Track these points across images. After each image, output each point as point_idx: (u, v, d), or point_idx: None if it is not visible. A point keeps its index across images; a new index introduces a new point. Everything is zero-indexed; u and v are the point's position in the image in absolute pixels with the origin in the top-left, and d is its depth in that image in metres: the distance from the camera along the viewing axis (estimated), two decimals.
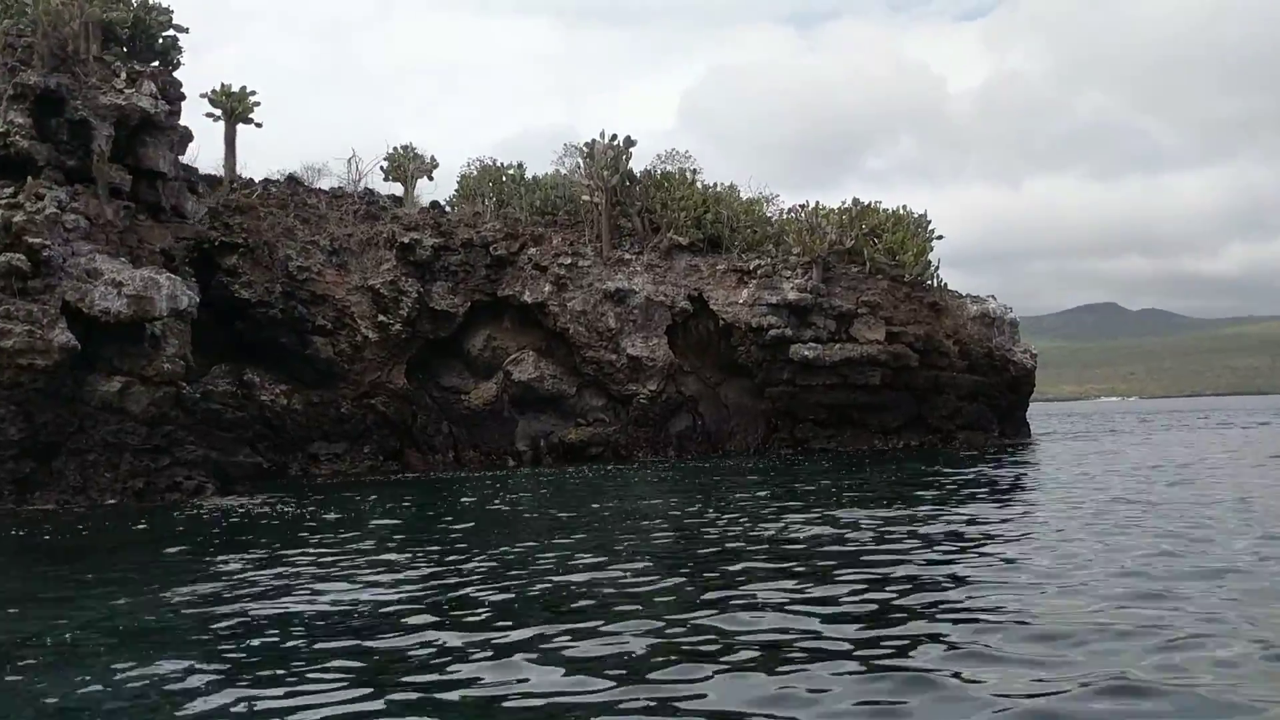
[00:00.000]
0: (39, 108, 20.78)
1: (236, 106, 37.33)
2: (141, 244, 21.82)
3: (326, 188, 37.44)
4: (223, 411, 21.90)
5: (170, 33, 26.81)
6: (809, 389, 32.78)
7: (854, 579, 9.47)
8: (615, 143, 34.72)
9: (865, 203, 34.80)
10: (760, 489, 19.48)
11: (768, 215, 36.37)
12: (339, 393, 33.98)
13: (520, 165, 39.43)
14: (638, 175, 35.92)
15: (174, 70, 27.22)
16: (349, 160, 37.91)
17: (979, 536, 12.01)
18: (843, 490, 18.48)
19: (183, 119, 25.71)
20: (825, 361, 32.33)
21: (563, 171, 37.15)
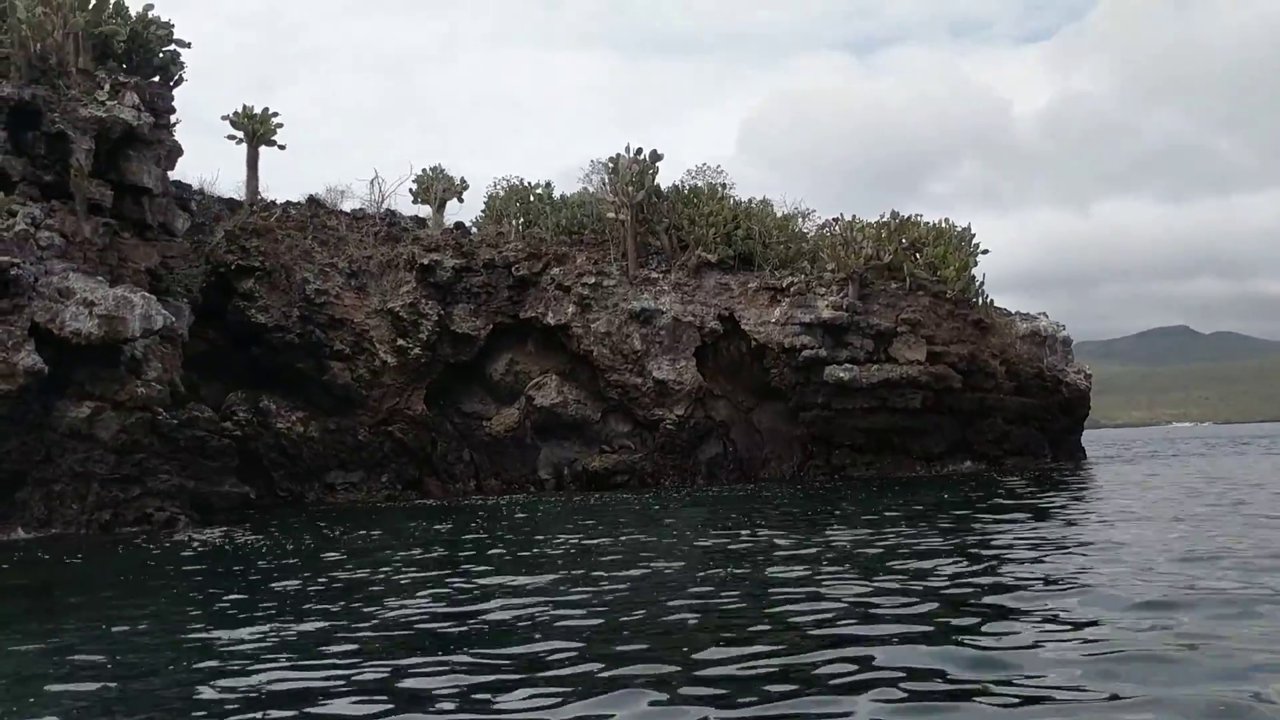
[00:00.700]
0: (14, 120, 19.88)
1: (259, 128, 36.61)
2: (124, 263, 20.77)
3: (349, 210, 36.50)
4: (207, 439, 20.65)
5: (171, 48, 25.92)
6: (845, 413, 30.94)
7: None
8: (641, 157, 33.32)
9: (905, 216, 32.97)
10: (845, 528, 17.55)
11: (804, 231, 34.66)
12: (356, 420, 32.85)
13: (549, 184, 38.20)
14: (665, 191, 34.45)
15: (175, 86, 26.37)
16: (371, 181, 36.93)
17: None
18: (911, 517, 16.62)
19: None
20: (862, 383, 30.49)
21: (589, 189, 35.81)
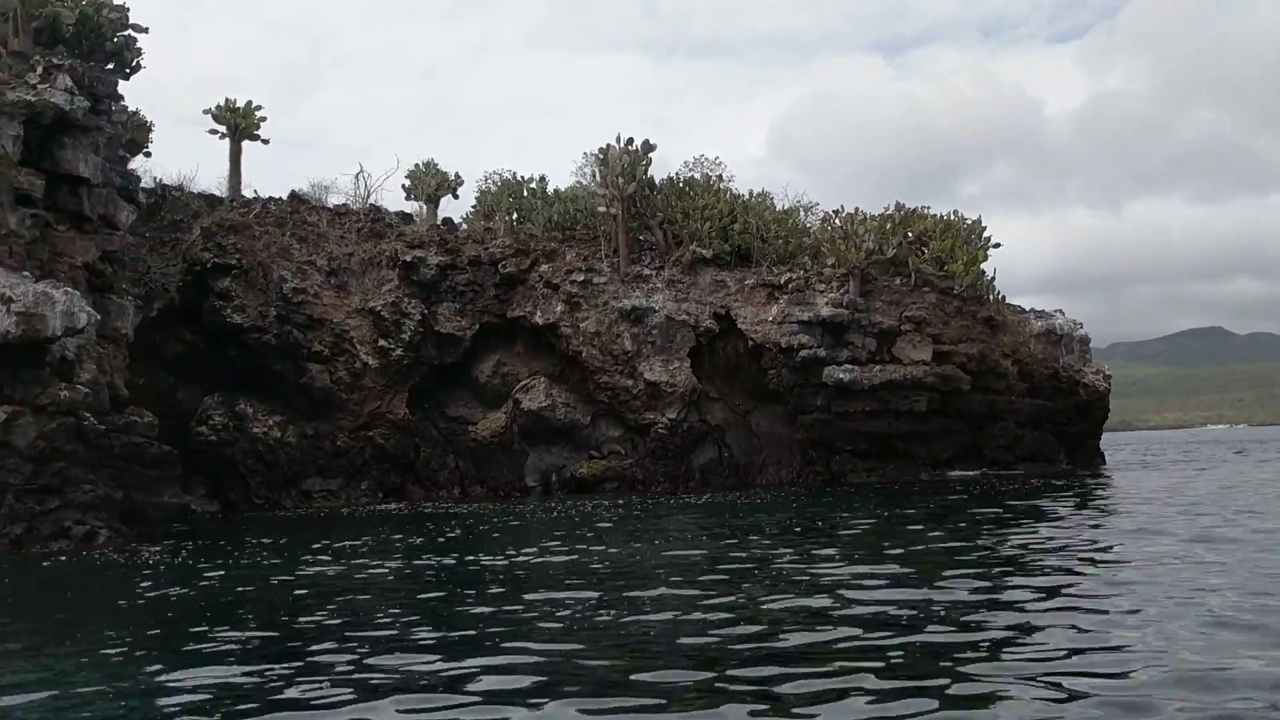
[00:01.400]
0: None
1: (241, 123, 35.40)
2: (57, 257, 19.41)
3: (333, 205, 35.12)
4: (146, 445, 19.25)
5: (126, 33, 24.59)
6: (845, 416, 29.22)
7: None
8: (632, 147, 31.73)
9: (911, 208, 31.21)
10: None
11: (806, 225, 32.94)
12: (336, 424, 31.47)
13: (542, 178, 36.70)
14: (659, 184, 32.85)
15: (131, 73, 25.07)
16: (356, 176, 35.55)
17: None
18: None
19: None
20: (863, 385, 28.76)
21: (582, 182, 34.25)
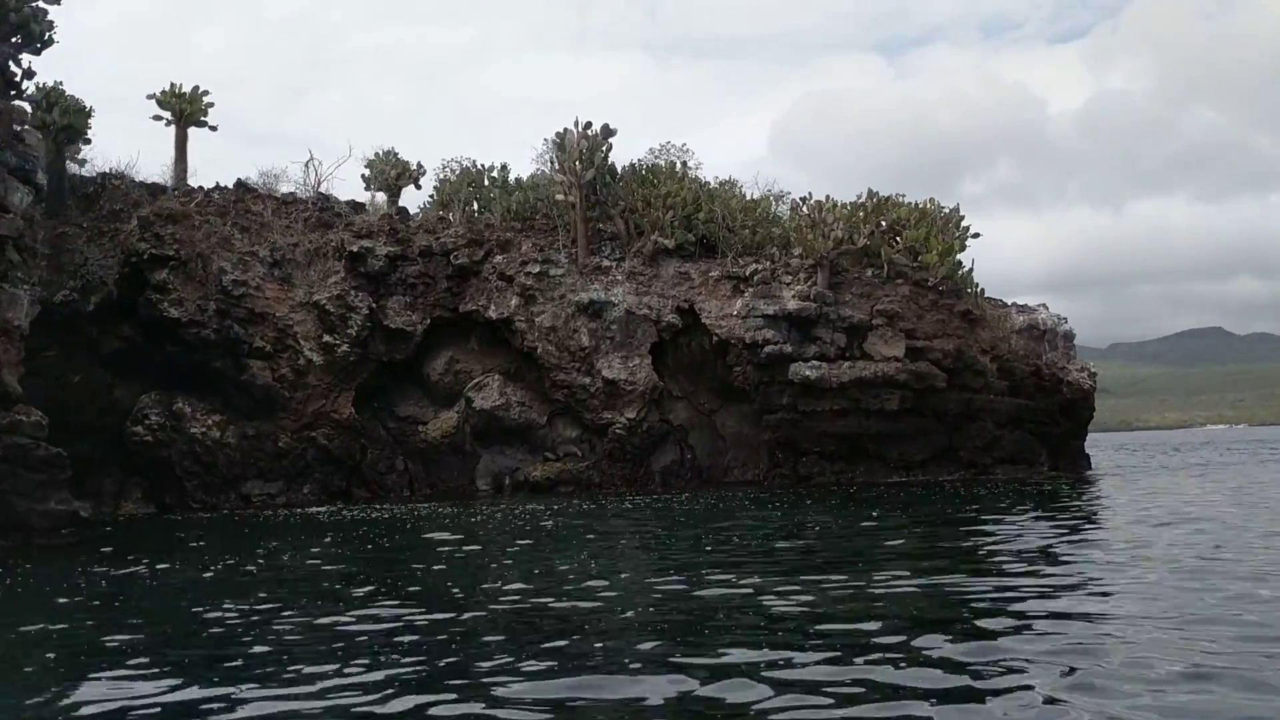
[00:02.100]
0: None
1: (187, 108, 33.79)
2: None
3: (281, 195, 33.44)
4: (31, 447, 17.58)
5: (35, 4, 22.91)
6: (813, 415, 27.54)
7: None
8: (590, 131, 30.04)
9: (884, 195, 29.50)
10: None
11: (776, 215, 31.24)
12: (278, 424, 29.81)
13: (504, 167, 35.03)
14: (621, 171, 31.16)
15: (43, 48, 23.39)
16: (306, 164, 33.85)
17: None
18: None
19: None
20: (831, 383, 27.08)
21: (543, 170, 32.57)
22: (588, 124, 29.99)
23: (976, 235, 29.95)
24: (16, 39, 22.53)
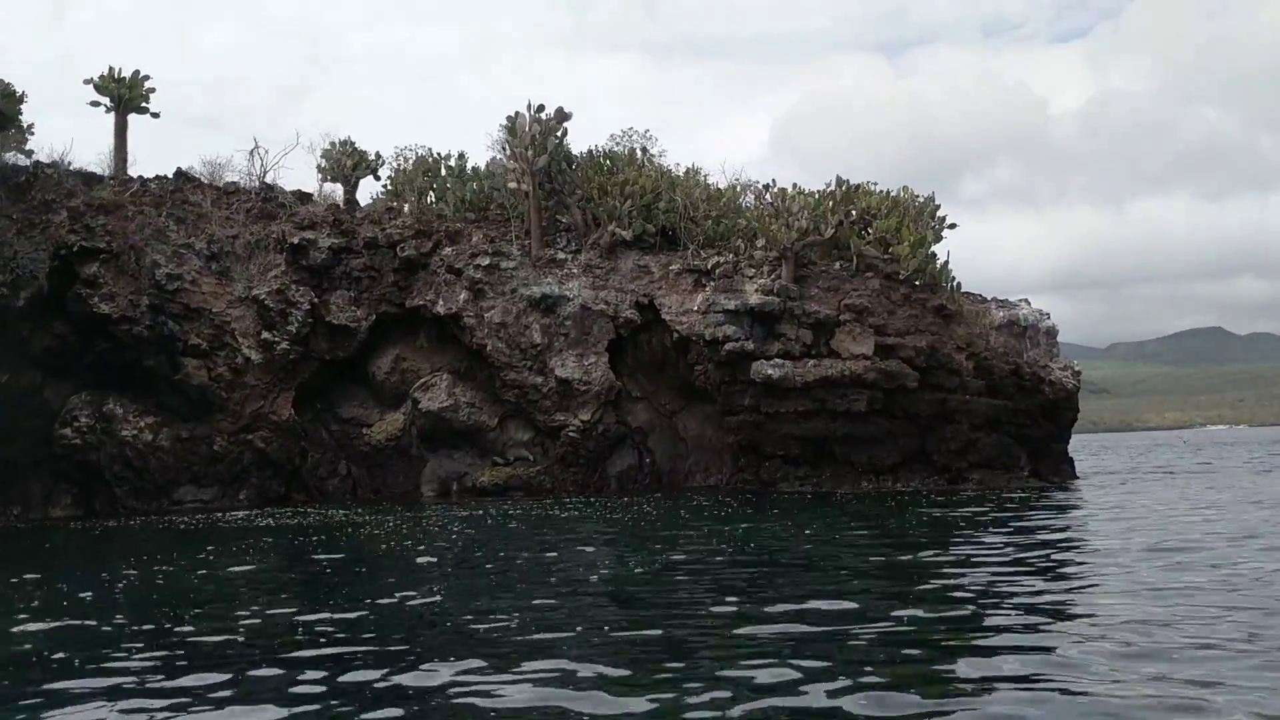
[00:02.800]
0: None
1: (126, 94, 32.14)
2: None
3: (223, 184, 31.77)
4: None
5: None
6: (776, 417, 25.85)
7: None
8: (543, 115, 28.34)
9: (855, 183, 27.82)
10: None
11: (743, 205, 29.52)
12: (214, 426, 28.18)
13: (461, 155, 33.35)
14: (579, 158, 29.47)
15: None
16: (251, 152, 32.16)
17: None
18: None
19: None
20: (795, 382, 25.38)
21: (497, 157, 30.88)
22: (540, 107, 28.31)
23: (953, 226, 28.29)
24: None
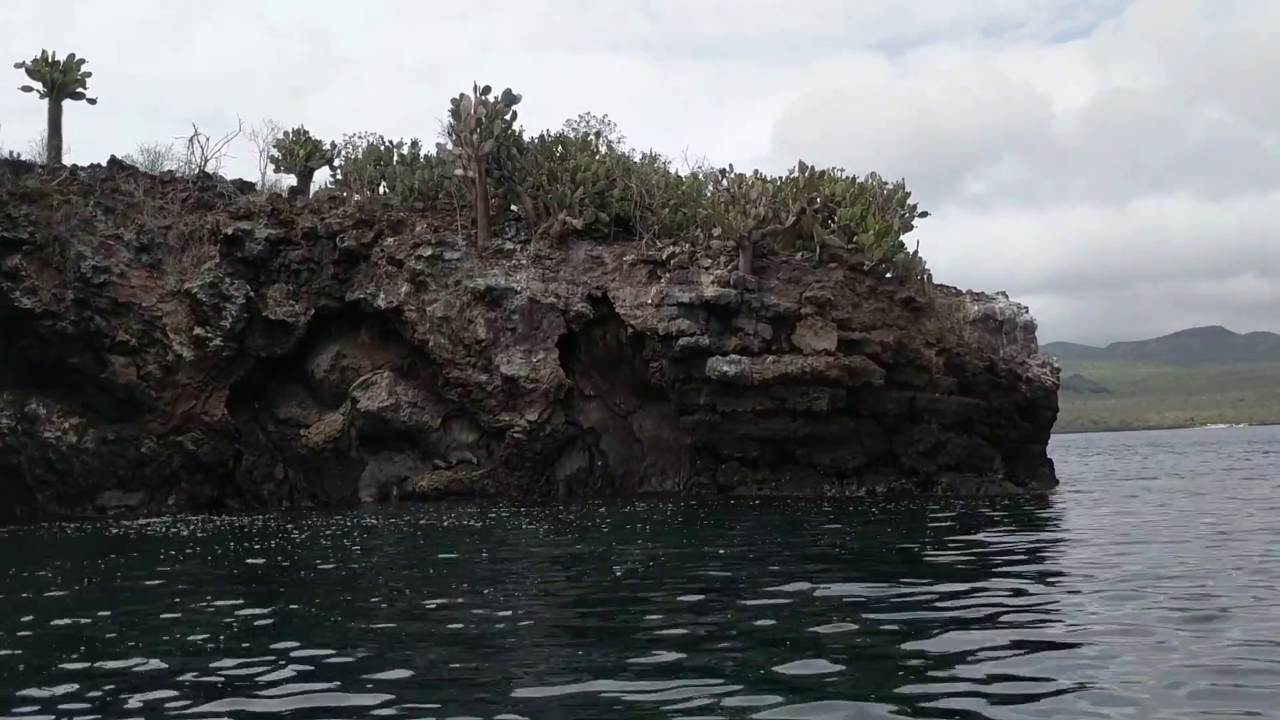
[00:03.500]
0: None
1: (59, 78, 30.63)
2: None
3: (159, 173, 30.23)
4: None
5: None
6: (733, 417, 24.27)
7: None
8: (490, 98, 26.75)
9: (820, 170, 26.24)
10: None
11: (706, 195, 27.92)
12: (143, 428, 26.64)
13: (415, 143, 31.84)
14: (530, 144, 27.88)
15: None
16: (191, 139, 30.60)
17: None
18: None
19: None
20: (753, 380, 23.79)
21: (448, 145, 29.29)
22: (486, 88, 26.71)
23: (924, 214, 26.67)
24: None
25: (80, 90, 30.92)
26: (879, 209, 25.17)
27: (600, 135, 27.86)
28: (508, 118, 26.88)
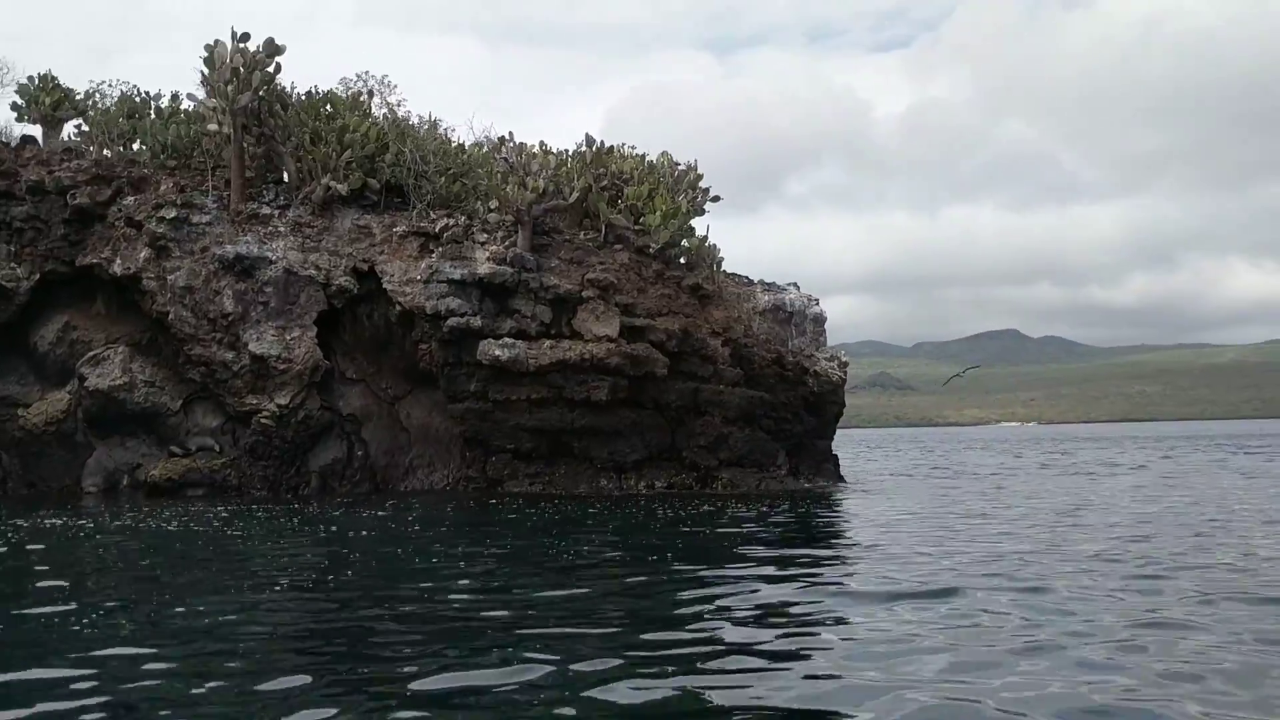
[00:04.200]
0: None
1: None
2: None
3: None
4: None
5: None
6: (506, 405, 22.48)
7: None
8: (248, 45, 24.08)
9: (608, 145, 24.67)
10: None
11: (491, 164, 25.92)
12: None
13: (175, 95, 28.64)
14: (296, 101, 25.31)
15: None
16: None
17: None
18: None
19: None
20: (528, 365, 22.03)
21: (200, 96, 26.34)
22: (245, 35, 24.00)
23: (717, 199, 25.48)
24: None
25: None
26: (669, 190, 23.79)
27: (375, 95, 25.52)
28: (270, 69, 24.25)
